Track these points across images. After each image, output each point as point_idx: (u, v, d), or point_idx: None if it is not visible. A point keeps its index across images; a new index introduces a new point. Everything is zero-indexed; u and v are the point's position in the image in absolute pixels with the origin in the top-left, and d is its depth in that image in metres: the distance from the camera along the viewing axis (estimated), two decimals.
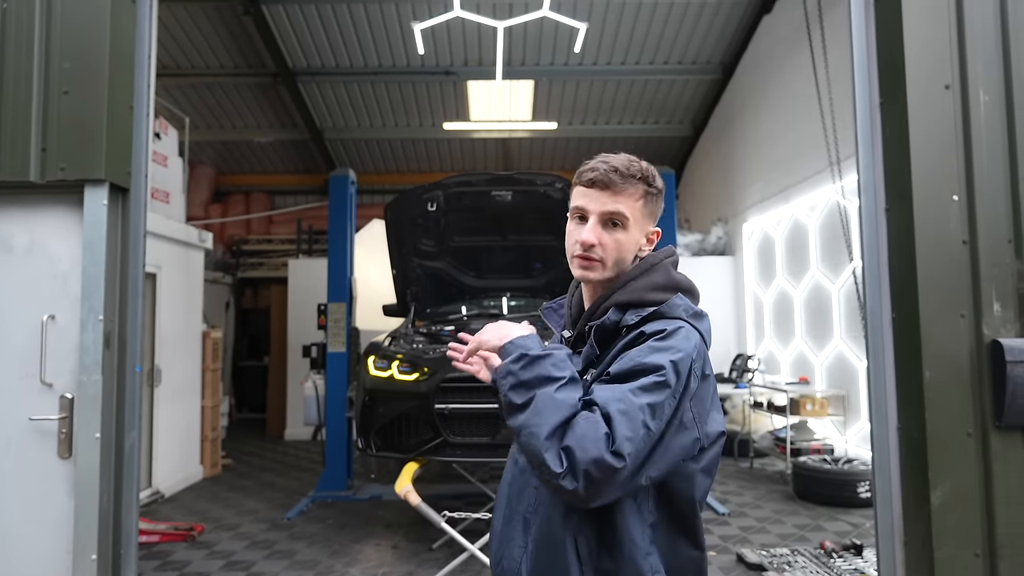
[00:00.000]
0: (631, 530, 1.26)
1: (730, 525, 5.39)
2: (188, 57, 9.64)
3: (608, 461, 1.13)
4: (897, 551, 2.45)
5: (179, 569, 4.57)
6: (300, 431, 9.55)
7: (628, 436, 1.15)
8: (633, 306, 1.35)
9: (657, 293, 1.36)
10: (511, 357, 1.27)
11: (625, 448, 1.14)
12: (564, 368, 1.25)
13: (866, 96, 2.60)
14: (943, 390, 2.32)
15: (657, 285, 1.37)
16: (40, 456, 2.56)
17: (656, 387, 1.20)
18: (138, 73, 2.73)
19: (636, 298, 1.36)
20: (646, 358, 1.23)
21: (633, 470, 1.17)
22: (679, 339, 1.26)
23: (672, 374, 1.21)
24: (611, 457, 1.13)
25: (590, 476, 1.13)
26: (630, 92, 10.58)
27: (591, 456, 1.13)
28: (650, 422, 1.18)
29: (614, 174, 1.36)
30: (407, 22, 8.58)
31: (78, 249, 2.58)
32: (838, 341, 7.19)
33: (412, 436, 4.66)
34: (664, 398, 1.20)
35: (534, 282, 6.20)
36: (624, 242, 1.38)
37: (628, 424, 1.16)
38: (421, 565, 4.55)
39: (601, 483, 1.14)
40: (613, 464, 1.13)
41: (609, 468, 1.13)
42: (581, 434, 1.16)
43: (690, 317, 1.32)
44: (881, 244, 2.54)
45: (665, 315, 1.32)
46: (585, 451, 1.14)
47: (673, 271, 1.41)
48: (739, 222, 9.76)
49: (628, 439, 1.15)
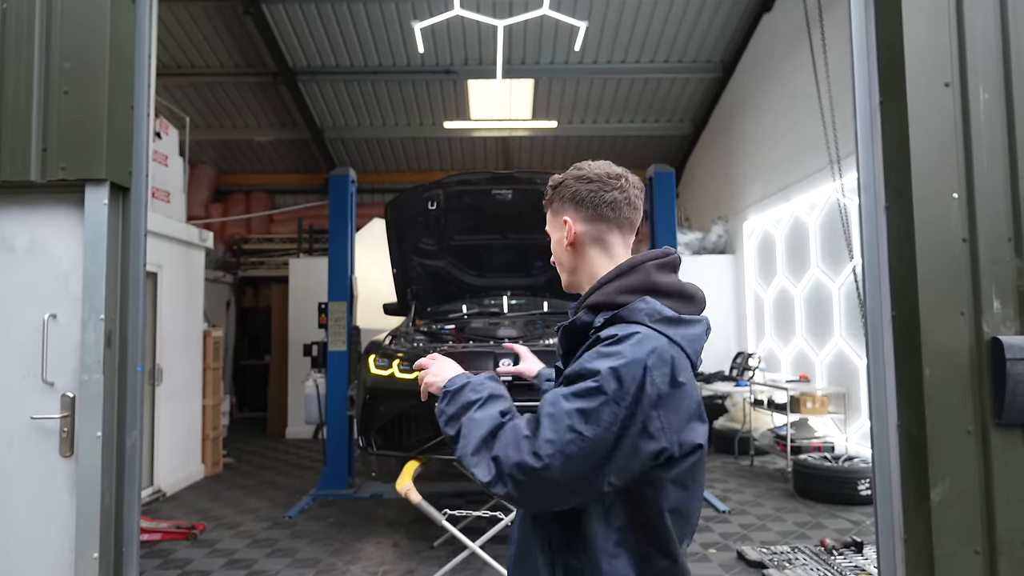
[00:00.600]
0: (595, 533, 1.25)
1: (731, 523, 5.40)
2: (188, 56, 9.64)
3: (528, 463, 1.17)
4: (897, 548, 2.45)
5: (181, 567, 4.58)
6: (301, 430, 9.56)
7: (549, 439, 1.17)
8: (604, 308, 1.33)
9: (626, 295, 1.32)
10: (442, 398, 1.38)
11: (544, 449, 1.17)
12: (481, 390, 1.34)
13: (866, 94, 2.61)
14: (943, 388, 2.32)
15: (628, 287, 1.33)
16: (42, 455, 2.57)
17: (589, 393, 1.18)
18: (138, 73, 2.74)
19: (606, 300, 1.33)
20: (588, 363, 1.22)
21: (570, 473, 1.17)
22: (628, 345, 1.22)
23: (611, 380, 1.18)
24: (531, 458, 1.17)
25: (515, 479, 1.18)
26: (630, 91, 10.58)
27: (512, 460, 1.19)
28: (580, 427, 1.17)
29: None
30: (407, 21, 8.59)
31: (79, 249, 2.58)
32: (838, 339, 7.19)
33: (413, 434, 4.66)
34: (598, 404, 1.17)
35: (534, 281, 6.20)
36: (554, 248, 1.49)
37: (552, 427, 1.18)
38: (422, 563, 4.55)
39: (528, 485, 1.18)
40: (532, 465, 1.17)
41: (529, 470, 1.17)
42: (504, 442, 1.22)
43: (655, 322, 1.26)
44: (881, 242, 2.54)
45: (624, 319, 1.28)
46: (508, 457, 1.19)
47: (655, 273, 1.34)
48: (739, 220, 9.76)
49: (549, 441, 1.17)
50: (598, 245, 1.42)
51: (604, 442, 1.18)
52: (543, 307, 6.24)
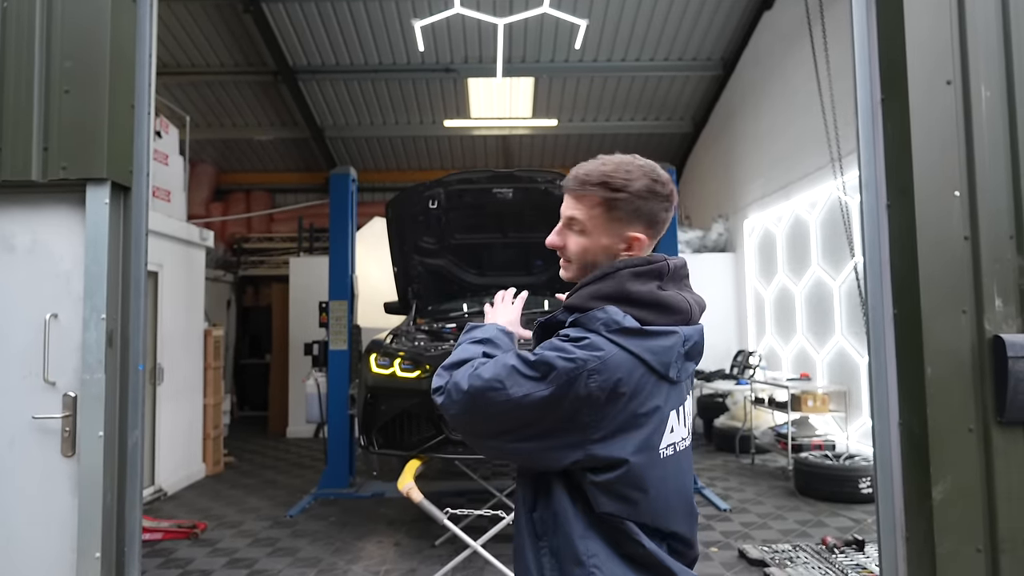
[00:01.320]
0: (565, 510, 1.31)
1: (732, 521, 5.40)
2: (188, 55, 9.63)
3: (460, 385, 1.31)
4: (899, 546, 2.45)
5: (182, 567, 4.59)
6: (302, 429, 9.57)
7: (482, 375, 1.30)
8: (577, 310, 1.35)
9: (595, 301, 1.32)
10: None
11: (473, 381, 1.30)
12: (487, 332, 1.48)
13: (868, 92, 2.60)
14: (944, 386, 2.32)
15: (599, 294, 1.33)
16: (43, 454, 2.57)
17: (527, 363, 1.27)
18: (139, 72, 2.73)
19: (579, 303, 1.35)
20: (540, 348, 1.30)
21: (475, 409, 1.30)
22: (573, 345, 1.26)
23: (543, 365, 1.25)
24: (464, 382, 1.31)
25: (449, 396, 1.33)
26: (630, 89, 10.56)
27: (455, 380, 1.34)
28: (505, 380, 1.27)
29: (573, 180, 1.40)
30: (407, 19, 8.57)
31: (80, 248, 2.58)
32: (839, 337, 7.19)
33: (414, 433, 4.66)
34: (528, 375, 1.26)
35: (535, 279, 6.19)
36: (586, 246, 1.40)
37: (490, 368, 1.30)
38: (424, 562, 4.56)
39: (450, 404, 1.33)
40: (461, 387, 1.31)
41: (458, 392, 1.31)
42: (463, 369, 1.36)
43: (611, 332, 1.26)
44: (883, 240, 2.54)
45: (582, 325, 1.30)
46: (456, 377, 1.34)
47: (629, 281, 1.32)
48: (740, 218, 9.76)
49: (480, 377, 1.30)
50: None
51: (514, 408, 1.26)
52: (544, 306, 6.24)
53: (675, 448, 1.35)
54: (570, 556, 1.29)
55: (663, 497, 1.32)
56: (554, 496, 1.32)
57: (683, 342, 1.33)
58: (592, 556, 1.28)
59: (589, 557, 1.28)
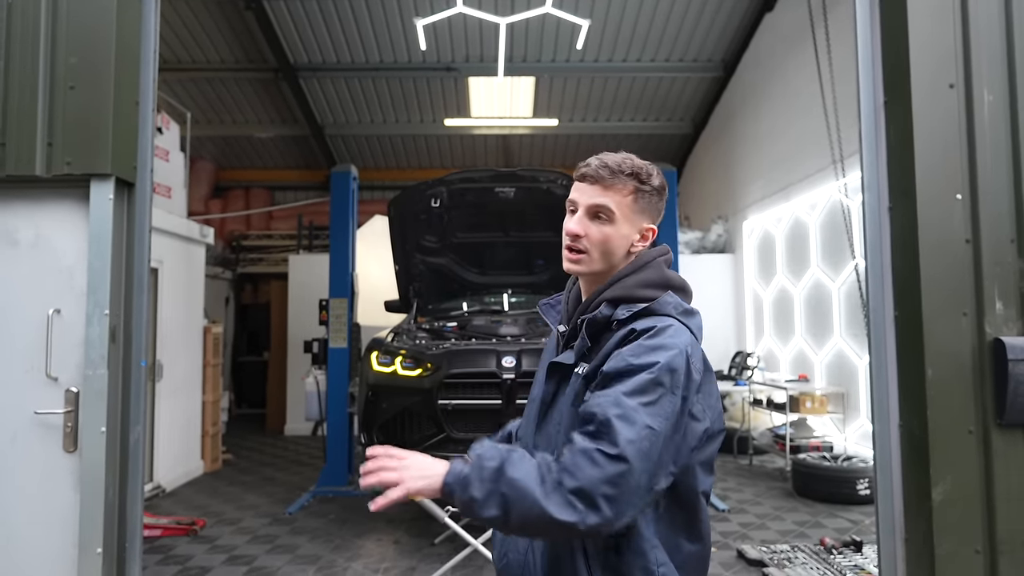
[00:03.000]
0: (638, 522, 1.27)
1: (730, 521, 5.41)
2: (189, 51, 9.62)
3: (614, 472, 1.12)
4: (898, 547, 2.46)
5: (182, 563, 4.59)
6: (300, 426, 9.57)
7: (630, 439, 1.15)
8: (624, 301, 1.37)
9: (648, 290, 1.38)
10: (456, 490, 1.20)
11: (628, 451, 1.14)
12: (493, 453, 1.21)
13: (870, 94, 2.61)
14: (945, 388, 2.33)
15: (649, 282, 1.39)
16: (45, 450, 2.57)
17: (652, 386, 1.21)
18: (143, 68, 2.74)
19: (628, 294, 1.37)
20: (639, 358, 1.24)
21: (649, 471, 1.17)
22: (668, 336, 1.28)
23: (666, 372, 1.23)
24: (615, 466, 1.13)
25: (608, 497, 1.12)
26: (631, 89, 10.58)
27: (598, 479, 1.12)
28: (651, 422, 1.18)
29: (604, 169, 1.40)
30: (409, 18, 8.57)
31: (84, 243, 2.59)
32: (838, 339, 7.20)
33: (415, 432, 4.67)
34: (660, 395, 1.21)
35: (536, 278, 6.20)
36: (611, 236, 1.40)
37: (628, 427, 1.16)
38: (423, 560, 4.56)
39: (621, 496, 1.13)
40: (620, 471, 1.12)
41: (618, 477, 1.12)
42: (574, 465, 1.14)
43: (680, 314, 1.35)
44: (884, 242, 2.55)
45: (655, 312, 1.34)
46: (590, 479, 1.13)
47: (666, 269, 1.43)
48: (739, 220, 9.77)
49: (630, 441, 1.15)
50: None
51: (669, 432, 1.21)
52: None
53: None
54: (638, 566, 1.27)
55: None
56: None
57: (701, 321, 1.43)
58: (662, 565, 1.28)
59: (659, 566, 1.28)
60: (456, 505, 1.22)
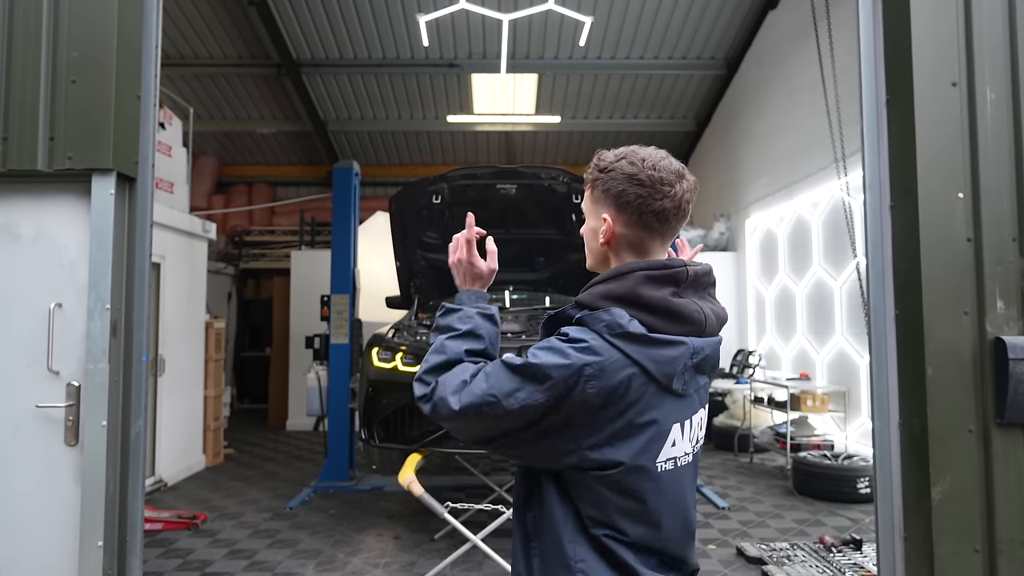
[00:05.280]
0: (554, 511, 1.29)
1: (730, 519, 5.42)
2: (192, 47, 9.62)
3: (449, 403, 1.28)
4: (897, 546, 2.47)
5: (183, 556, 4.60)
6: (301, 421, 9.59)
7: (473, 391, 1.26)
8: (586, 307, 1.30)
9: (604, 301, 1.27)
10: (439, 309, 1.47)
11: (464, 399, 1.26)
12: (466, 322, 1.41)
13: (873, 92, 2.61)
14: (945, 387, 2.33)
15: (610, 294, 1.27)
16: (47, 443, 2.58)
17: (521, 370, 1.24)
18: (145, 63, 2.74)
19: (587, 300, 1.31)
20: (537, 348, 1.27)
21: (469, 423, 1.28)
22: (576, 347, 1.21)
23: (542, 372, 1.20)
24: (453, 400, 1.28)
25: (436, 408, 1.30)
26: (634, 87, 10.56)
27: (442, 394, 1.30)
28: (498, 393, 1.24)
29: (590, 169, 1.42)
30: (412, 14, 8.57)
31: (85, 238, 2.59)
32: (839, 337, 7.20)
33: (415, 427, 4.67)
34: (521, 383, 1.23)
35: (538, 276, 6.19)
36: (585, 232, 1.42)
37: (482, 383, 1.27)
38: (423, 555, 4.57)
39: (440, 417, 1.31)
40: (451, 407, 1.27)
41: (446, 409, 1.28)
42: (449, 377, 1.32)
43: (614, 335, 1.21)
44: (885, 241, 2.55)
45: (585, 324, 1.25)
46: (443, 389, 1.30)
47: (643, 285, 1.25)
48: (742, 218, 9.76)
49: (471, 393, 1.26)
50: (633, 250, 1.34)
51: (511, 416, 1.23)
52: (545, 302, 6.25)
53: (676, 463, 1.29)
54: (558, 559, 1.27)
55: (657, 512, 1.27)
56: (545, 497, 1.30)
57: (692, 354, 1.26)
58: (580, 561, 1.25)
59: (577, 562, 1.25)
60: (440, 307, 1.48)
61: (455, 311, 1.43)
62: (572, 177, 5.31)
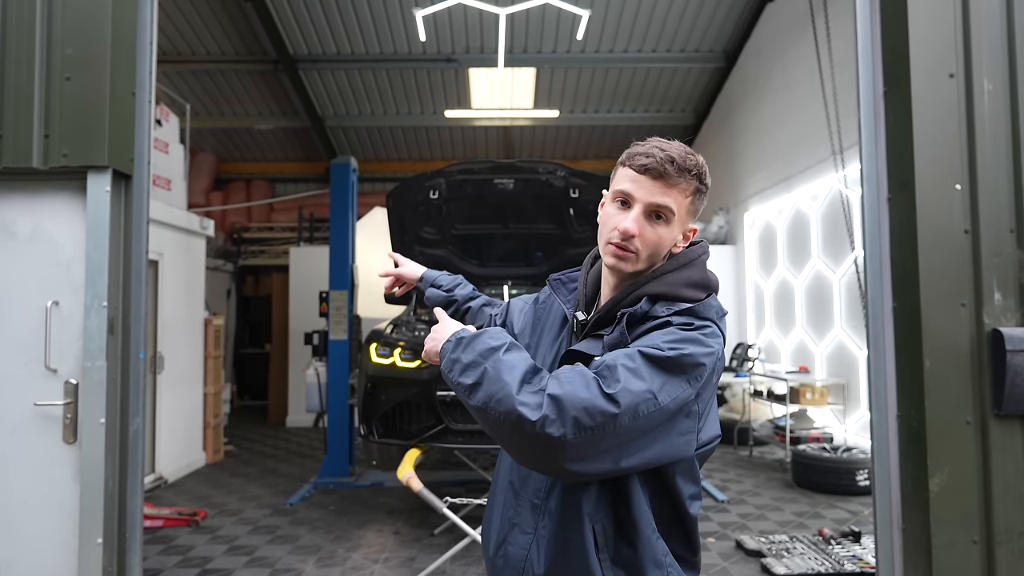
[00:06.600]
0: (646, 514, 1.26)
1: (729, 512, 5.43)
2: (189, 43, 9.59)
3: (600, 405, 1.06)
4: (895, 537, 2.47)
5: (183, 553, 4.61)
6: (301, 418, 9.60)
7: (630, 390, 1.08)
8: (666, 299, 1.29)
9: (691, 290, 1.31)
10: (448, 348, 1.26)
11: (623, 398, 1.07)
12: (502, 337, 1.21)
13: (870, 84, 2.60)
14: (943, 379, 2.33)
15: (693, 282, 1.32)
16: (45, 441, 2.59)
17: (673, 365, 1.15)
18: (140, 59, 2.73)
19: (671, 292, 1.29)
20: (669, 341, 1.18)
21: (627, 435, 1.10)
22: (706, 335, 1.23)
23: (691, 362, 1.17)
24: (605, 402, 1.06)
25: (579, 422, 1.06)
26: (632, 80, 10.53)
27: (582, 399, 1.06)
28: (656, 390, 1.11)
29: (670, 165, 1.28)
30: (408, 8, 8.54)
31: (81, 235, 2.59)
32: (838, 330, 7.20)
33: (414, 423, 4.68)
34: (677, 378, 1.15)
35: (536, 270, 6.19)
36: (664, 237, 1.31)
37: (634, 380, 1.10)
38: (423, 550, 4.58)
39: (591, 432, 1.06)
40: (606, 408, 1.06)
41: (601, 413, 1.06)
42: (568, 379, 1.10)
43: (720, 318, 1.31)
44: (883, 233, 2.55)
45: (699, 314, 1.27)
46: (574, 394, 1.07)
47: (706, 269, 1.37)
48: (740, 211, 9.75)
49: (629, 391, 1.08)
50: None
51: (664, 414, 1.13)
52: None
53: None
54: (649, 558, 1.26)
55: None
56: (632, 496, 1.25)
57: None
58: (666, 555, 1.28)
59: (665, 556, 1.28)
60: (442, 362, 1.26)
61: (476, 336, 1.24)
62: (570, 171, 5.30)
